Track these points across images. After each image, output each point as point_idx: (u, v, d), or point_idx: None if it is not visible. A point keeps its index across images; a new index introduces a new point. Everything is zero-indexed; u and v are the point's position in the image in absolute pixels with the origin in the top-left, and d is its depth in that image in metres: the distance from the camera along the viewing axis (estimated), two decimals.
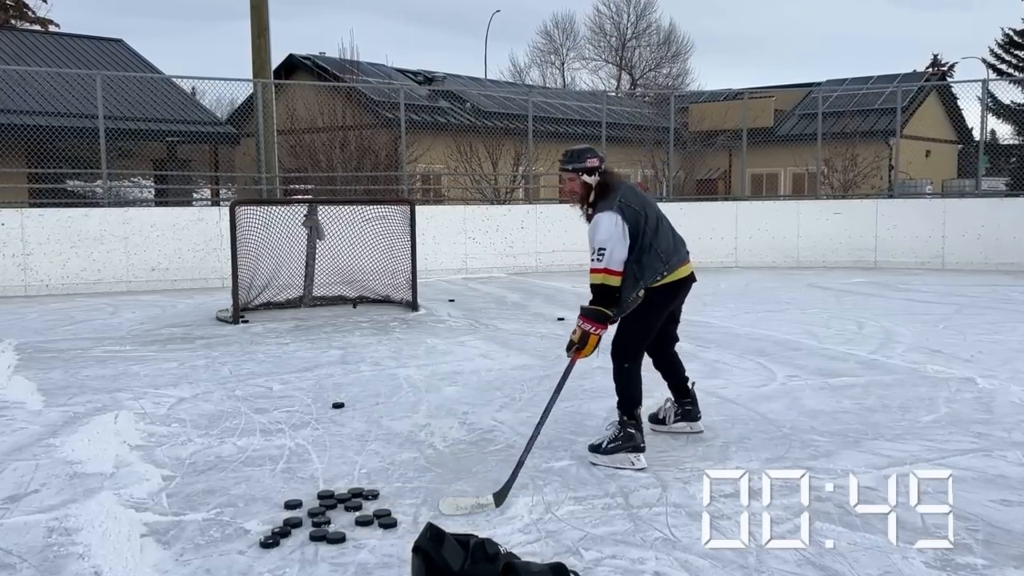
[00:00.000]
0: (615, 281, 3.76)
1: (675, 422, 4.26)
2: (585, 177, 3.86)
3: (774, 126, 23.44)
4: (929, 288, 10.36)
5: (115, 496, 3.43)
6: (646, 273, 3.82)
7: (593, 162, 3.86)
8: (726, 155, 22.40)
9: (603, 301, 3.76)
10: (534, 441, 3.68)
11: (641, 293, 3.84)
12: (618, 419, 3.89)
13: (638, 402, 3.89)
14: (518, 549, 2.86)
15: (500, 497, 3.36)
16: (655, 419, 4.31)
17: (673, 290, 3.94)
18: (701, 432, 4.24)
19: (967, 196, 15.69)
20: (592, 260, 3.78)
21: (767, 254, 13.44)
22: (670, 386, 4.29)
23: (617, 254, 3.73)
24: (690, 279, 4.02)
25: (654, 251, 3.82)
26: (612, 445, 3.81)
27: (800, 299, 9.60)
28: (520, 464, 3.56)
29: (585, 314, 3.77)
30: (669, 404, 4.29)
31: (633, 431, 3.81)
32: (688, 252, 4.03)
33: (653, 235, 3.83)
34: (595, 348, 3.80)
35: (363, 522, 3.15)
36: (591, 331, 3.75)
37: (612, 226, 3.72)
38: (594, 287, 3.79)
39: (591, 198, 3.87)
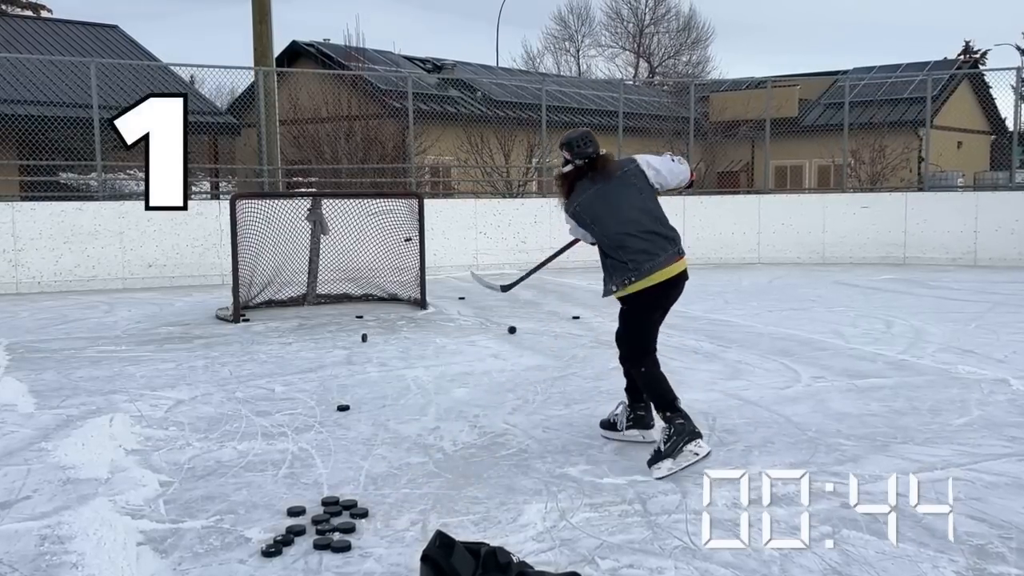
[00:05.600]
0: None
1: (626, 429, 4.12)
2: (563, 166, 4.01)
3: (799, 116, 22.96)
4: (961, 285, 10.20)
5: (110, 503, 3.37)
6: (614, 276, 3.81)
7: (564, 155, 3.96)
8: (748, 146, 22.13)
9: None
10: (553, 259, 4.60)
11: (614, 288, 3.81)
12: (663, 420, 3.75)
13: (673, 395, 3.78)
14: (531, 558, 2.80)
15: (507, 288, 4.42)
16: (606, 425, 4.19)
17: (659, 292, 3.80)
18: (654, 442, 3.99)
19: (1000, 189, 15.51)
20: None
21: (791, 250, 13.27)
22: (627, 386, 4.14)
23: (590, 238, 3.99)
24: (679, 279, 3.85)
25: (617, 261, 3.79)
26: (669, 444, 3.62)
27: (826, 297, 9.47)
28: (536, 269, 4.61)
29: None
30: (620, 408, 4.15)
31: (682, 421, 3.67)
32: (677, 250, 3.84)
33: (615, 248, 3.78)
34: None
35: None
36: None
37: (573, 227, 4.03)
38: None
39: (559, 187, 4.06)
